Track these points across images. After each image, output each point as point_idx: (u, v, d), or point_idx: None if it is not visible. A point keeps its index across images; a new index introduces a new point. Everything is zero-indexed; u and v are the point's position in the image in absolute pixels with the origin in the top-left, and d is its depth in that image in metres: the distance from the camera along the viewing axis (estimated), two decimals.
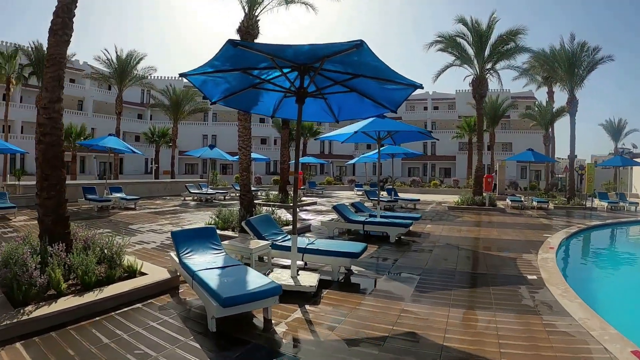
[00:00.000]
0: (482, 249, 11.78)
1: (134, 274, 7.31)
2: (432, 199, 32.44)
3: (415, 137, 15.28)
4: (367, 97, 7.80)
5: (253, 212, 14.24)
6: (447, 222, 17.89)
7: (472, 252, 11.33)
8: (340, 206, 14.03)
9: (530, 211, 23.95)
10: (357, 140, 15.73)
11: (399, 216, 14.90)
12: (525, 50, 27.56)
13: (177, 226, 15.12)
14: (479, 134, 27.97)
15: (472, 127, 46.74)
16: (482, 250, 11.57)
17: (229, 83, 7.72)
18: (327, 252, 8.18)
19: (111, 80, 46.47)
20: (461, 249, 11.59)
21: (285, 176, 26.05)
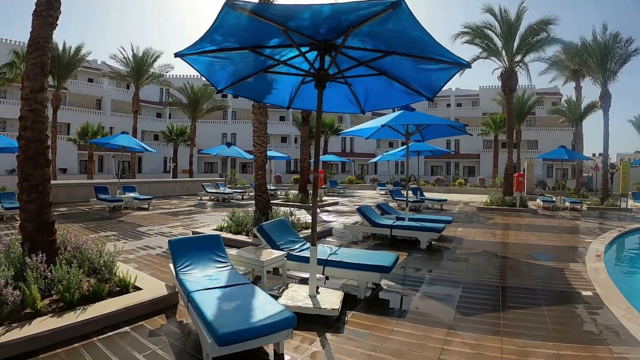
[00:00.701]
0: (523, 256, 10.44)
1: (126, 289, 6.31)
2: (458, 199, 31.05)
3: (447, 132, 13.94)
4: (399, 81, 6.58)
5: (269, 214, 13.09)
6: (478, 224, 16.61)
7: (513, 261, 9.99)
8: (365, 208, 12.80)
9: (562, 212, 22.62)
10: (382, 135, 14.43)
11: (428, 219, 13.62)
12: (556, 41, 26.06)
13: (189, 228, 14.17)
14: (509, 129, 26.58)
15: (498, 123, 45.44)
16: (524, 258, 10.23)
17: (236, 65, 6.51)
18: (352, 265, 6.93)
19: (128, 79, 45.95)
20: (500, 257, 10.33)
21: (306, 175, 24.89)
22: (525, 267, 9.27)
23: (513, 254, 10.72)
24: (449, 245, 11.72)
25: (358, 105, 7.61)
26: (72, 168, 54.97)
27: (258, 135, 13.63)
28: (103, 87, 64.79)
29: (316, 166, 6.02)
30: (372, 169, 71.19)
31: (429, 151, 23.11)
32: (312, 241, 6.11)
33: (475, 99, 77.81)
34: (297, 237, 8.62)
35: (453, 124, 12.23)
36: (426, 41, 4.88)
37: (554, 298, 7.12)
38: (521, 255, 10.61)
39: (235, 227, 12.30)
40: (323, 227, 13.95)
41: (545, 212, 22.54)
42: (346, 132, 14.56)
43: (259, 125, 13.66)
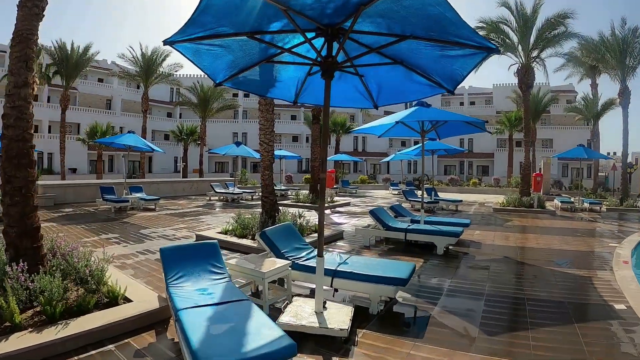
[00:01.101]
0: (546, 263, 9.70)
1: (115, 301, 5.79)
2: (473, 199, 30.29)
3: (464, 130, 13.05)
4: (417, 71, 5.86)
5: (276, 216, 12.45)
6: (496, 227, 15.88)
7: (536, 268, 9.24)
8: (378, 210, 12.06)
9: (581, 213, 21.86)
10: (396, 133, 13.61)
11: (445, 222, 12.89)
12: (574, 36, 25.15)
13: (194, 231, 13.51)
14: (526, 127, 25.66)
15: (513, 122, 44.59)
16: (547, 265, 9.49)
17: (234, 54, 5.81)
18: (364, 277, 6.23)
19: (137, 79, 45.65)
20: (522, 264, 9.61)
21: (316, 175, 24.18)
22: (550, 276, 8.55)
23: (535, 261, 9.97)
24: (467, 251, 11.00)
25: (370, 99, 6.91)
26: (82, 168, 54.99)
27: (264, 133, 13.01)
28: (113, 87, 64.83)
29: (323, 166, 5.30)
30: (385, 169, 70.47)
31: (444, 150, 22.36)
32: (319, 251, 5.42)
33: (489, 97, 76.82)
34: (304, 244, 7.93)
35: (472, 120, 11.41)
36: (449, 20, 4.18)
37: (585, 312, 6.49)
38: (544, 261, 9.87)
39: (241, 231, 11.69)
40: (333, 230, 13.28)
41: (564, 213, 21.83)
42: (358, 130, 13.71)
43: (265, 123, 13.04)
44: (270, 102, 13.06)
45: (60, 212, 18.37)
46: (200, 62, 5.73)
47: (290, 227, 8.38)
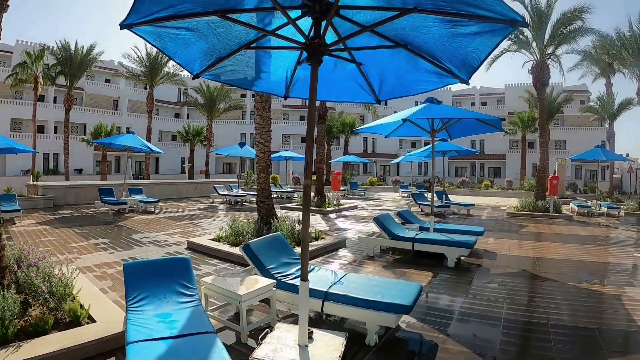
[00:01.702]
0: (570, 278, 8.69)
1: (78, 321, 5.11)
2: (485, 203, 29.20)
3: (477, 129, 11.92)
4: (423, 56, 4.79)
5: (272, 223, 11.55)
6: (511, 233, 14.85)
7: (560, 285, 8.20)
8: (384, 218, 11.04)
9: (599, 218, 20.83)
10: (404, 133, 12.51)
11: (457, 230, 11.86)
12: (590, 31, 23.95)
13: (188, 236, 12.76)
14: (542, 127, 24.57)
15: (526, 122, 43.51)
16: (570, 281, 8.47)
17: (207, 40, 4.77)
18: (360, 301, 5.26)
19: (142, 79, 45.03)
20: (543, 280, 8.55)
21: (321, 177, 23.26)
22: (575, 295, 7.53)
23: (558, 274, 8.95)
24: (481, 262, 10.01)
25: (372, 92, 5.85)
26: (88, 169, 54.62)
27: (260, 132, 12.14)
28: (120, 87, 64.29)
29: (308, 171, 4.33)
30: (395, 170, 69.48)
31: (455, 151, 21.36)
32: (303, 274, 4.43)
33: (500, 98, 75.47)
34: (296, 258, 6.98)
35: (486, 117, 10.33)
36: None
37: (623, 343, 5.51)
38: (566, 276, 8.86)
39: (234, 238, 10.83)
40: (335, 238, 12.34)
41: (581, 218, 20.76)
42: (363, 129, 12.49)
43: (261, 122, 12.17)
44: (266, 99, 12.20)
45: (58, 214, 18.05)
46: (168, 49, 4.76)
47: (279, 238, 7.41)
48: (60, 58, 38.15)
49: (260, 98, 12.13)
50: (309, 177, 4.25)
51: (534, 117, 43.06)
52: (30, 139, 40.74)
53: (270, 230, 10.73)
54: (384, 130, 11.98)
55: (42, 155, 50.95)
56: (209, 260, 9.85)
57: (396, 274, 8.70)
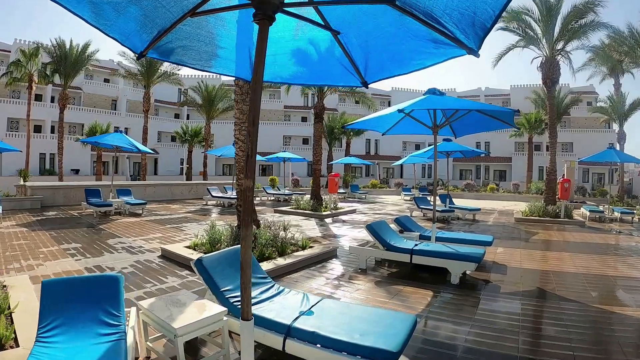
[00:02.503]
0: (593, 299, 7.39)
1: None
2: (491, 207, 27.88)
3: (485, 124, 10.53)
4: (415, 14, 3.39)
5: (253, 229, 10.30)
6: (521, 242, 13.56)
7: (582, 308, 6.88)
8: (378, 226, 9.71)
9: (612, 224, 19.57)
10: (403, 130, 11.11)
11: (462, 239, 10.54)
12: (602, 26, 22.60)
13: (167, 241, 11.84)
14: (551, 127, 23.14)
15: (533, 123, 42.28)
16: (595, 302, 7.21)
17: (138, 3, 3.57)
18: (332, 343, 3.97)
19: (139, 78, 43.75)
20: (563, 301, 7.21)
21: (318, 179, 22.02)
22: (605, 322, 6.23)
23: (579, 294, 7.63)
24: (489, 277, 8.70)
25: (356, 72, 4.54)
26: (85, 169, 53.61)
27: (239, 128, 10.90)
28: (119, 87, 63.24)
29: (249, 167, 3.11)
30: (398, 173, 68.27)
31: (460, 152, 20.04)
32: (243, 313, 3.10)
33: (506, 99, 74.17)
34: (262, 277, 5.73)
35: (496, 110, 8.94)
36: None
37: None
38: (591, 296, 7.57)
39: (209, 246, 9.69)
40: (326, 246, 11.08)
41: (593, 224, 19.48)
42: (356, 124, 11.05)
43: (240, 116, 10.95)
44: (247, 90, 10.92)
45: (43, 215, 17.61)
46: (99, 21, 3.50)
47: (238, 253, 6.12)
48: (55, 56, 37.42)
49: (241, 90, 10.90)
50: (250, 176, 3.02)
51: (541, 118, 42.21)
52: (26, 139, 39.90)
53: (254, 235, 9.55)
54: (379, 125, 10.70)
55: (39, 155, 50.31)
56: (179, 270, 8.77)
57: (390, 292, 7.47)
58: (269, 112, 68.51)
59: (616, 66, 37.28)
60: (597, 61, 38.53)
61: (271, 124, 67.71)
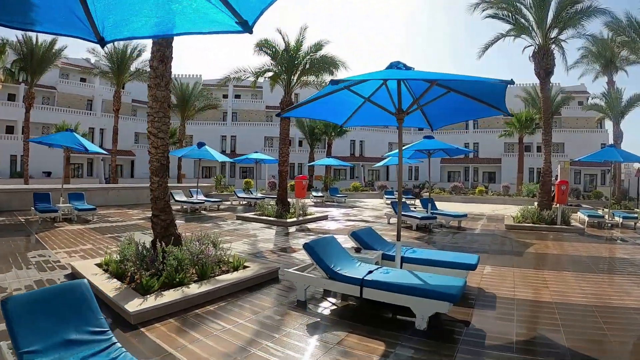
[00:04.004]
0: (617, 354, 5.17)
1: None
2: (479, 211, 25.64)
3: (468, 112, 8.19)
4: None
5: (166, 242, 8.01)
6: (514, 257, 11.17)
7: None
8: (321, 244, 7.32)
9: (613, 231, 17.52)
10: (366, 120, 8.65)
11: (437, 261, 7.90)
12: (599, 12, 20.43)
13: (94, 255, 10.26)
14: (546, 123, 20.77)
15: (524, 123, 40.43)
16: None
17: None
18: None
19: (110, 76, 41.86)
20: (575, 356, 4.97)
21: (285, 182, 19.63)
22: None
23: (598, 346, 5.33)
24: (471, 316, 6.31)
25: None
26: (57, 172, 51.27)
27: (153, 120, 8.55)
28: (95, 86, 61.14)
29: None
30: (384, 175, 66.24)
31: (443, 150, 17.70)
32: None
33: None
34: (101, 331, 3.51)
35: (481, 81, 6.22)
36: None
37: None
38: (613, 346, 5.30)
39: (115, 266, 7.59)
40: (266, 267, 8.73)
41: (593, 230, 17.35)
42: (293, 112, 8.49)
43: (154, 105, 8.61)
44: (162, 73, 8.65)
45: None
46: None
47: (77, 289, 3.86)
48: (21, 53, 35.58)
49: (155, 72, 8.56)
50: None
51: (532, 117, 40.45)
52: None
53: (163, 256, 7.27)
54: (331, 113, 8.39)
55: (10, 157, 49.36)
56: None
57: (327, 343, 5.18)
58: (251, 113, 66.80)
59: (610, 63, 35.91)
60: (590, 58, 37.98)
61: (252, 125, 65.80)
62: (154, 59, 8.75)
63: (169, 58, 8.86)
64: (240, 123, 67.14)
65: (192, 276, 7.45)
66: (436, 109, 8.11)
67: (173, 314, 6.14)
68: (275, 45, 20.39)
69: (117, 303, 6.12)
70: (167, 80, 8.88)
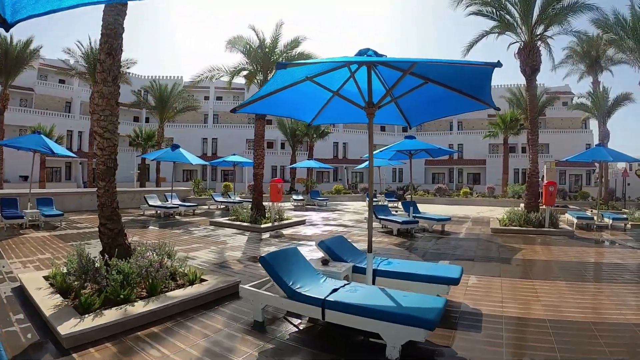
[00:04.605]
0: None
1: None
2: (464, 213, 24.93)
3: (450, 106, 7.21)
4: None
5: (114, 253, 7.15)
6: (501, 266, 10.26)
7: None
8: (284, 257, 6.33)
9: (603, 233, 16.85)
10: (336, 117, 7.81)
11: (414, 275, 6.85)
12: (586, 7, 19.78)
13: (46, 266, 8.94)
14: (532, 122, 20.03)
15: (509, 123, 40.06)
16: None
17: None
18: None
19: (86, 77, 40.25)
20: None
21: (260, 186, 18.71)
22: None
23: None
24: (452, 341, 5.41)
25: None
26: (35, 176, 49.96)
27: (98, 119, 7.71)
28: (73, 88, 59.65)
29: None
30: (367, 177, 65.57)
31: (425, 151, 16.88)
32: None
33: None
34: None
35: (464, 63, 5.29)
36: None
37: None
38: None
39: (60, 281, 6.78)
40: (225, 281, 7.70)
41: (583, 233, 16.62)
42: (248, 108, 7.11)
43: (101, 102, 7.74)
44: (109, 67, 7.79)
45: None
46: None
47: None
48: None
49: (102, 67, 7.69)
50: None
51: (517, 118, 39.96)
52: None
53: (106, 269, 6.40)
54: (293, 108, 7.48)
55: None
56: (19, 312, 6.16)
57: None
58: (232, 115, 64.82)
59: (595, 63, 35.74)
60: (575, 58, 38.34)
61: (234, 127, 64.83)
62: (101, 51, 7.93)
63: (117, 50, 8.00)
64: (222, 125, 66.34)
65: (142, 292, 6.63)
66: (413, 103, 7.24)
67: (112, 337, 5.31)
68: (250, 42, 19.55)
69: (52, 323, 5.35)
70: (115, 75, 8.02)
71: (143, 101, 46.49)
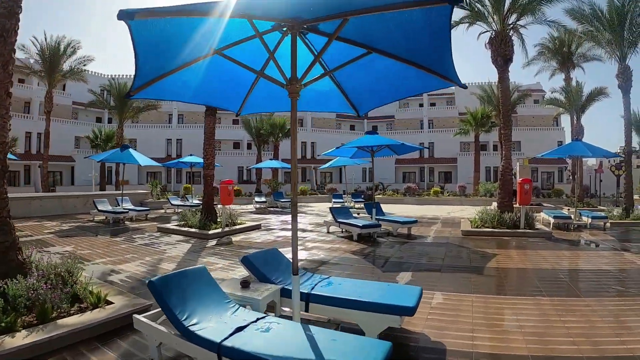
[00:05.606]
0: None
1: None
2: (433, 214, 23.67)
3: (408, 84, 5.57)
4: None
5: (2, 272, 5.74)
6: (472, 277, 8.93)
7: None
8: (185, 280, 4.85)
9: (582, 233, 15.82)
10: (261, 105, 6.36)
11: (357, 302, 5.16)
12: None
13: None
14: (505, 117, 18.72)
15: (480, 120, 39.39)
16: None
17: None
18: None
19: (42, 75, 38.81)
20: None
21: (210, 188, 17.09)
22: None
23: None
24: None
25: None
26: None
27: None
28: (32, 88, 57.17)
29: None
30: (337, 177, 64.26)
31: (388, 147, 15.56)
32: None
33: (450, 98, 71.35)
34: None
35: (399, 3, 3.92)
36: None
37: None
38: None
39: None
40: (135, 303, 6.11)
41: (561, 234, 15.54)
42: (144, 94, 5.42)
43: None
44: (3, 47, 6.46)
45: None
46: None
47: None
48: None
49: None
50: None
51: (488, 115, 39.29)
52: None
53: None
54: (215, 95, 6.02)
55: None
56: None
57: None
58: (196, 115, 63.31)
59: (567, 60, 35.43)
60: (547, 55, 38.15)
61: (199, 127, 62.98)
62: None
63: (9, 32, 6.55)
64: (187, 125, 64.32)
65: (33, 319, 5.26)
66: (358, 83, 5.73)
67: None
68: None
69: None
70: (6, 61, 6.52)
71: (102, 100, 44.95)
